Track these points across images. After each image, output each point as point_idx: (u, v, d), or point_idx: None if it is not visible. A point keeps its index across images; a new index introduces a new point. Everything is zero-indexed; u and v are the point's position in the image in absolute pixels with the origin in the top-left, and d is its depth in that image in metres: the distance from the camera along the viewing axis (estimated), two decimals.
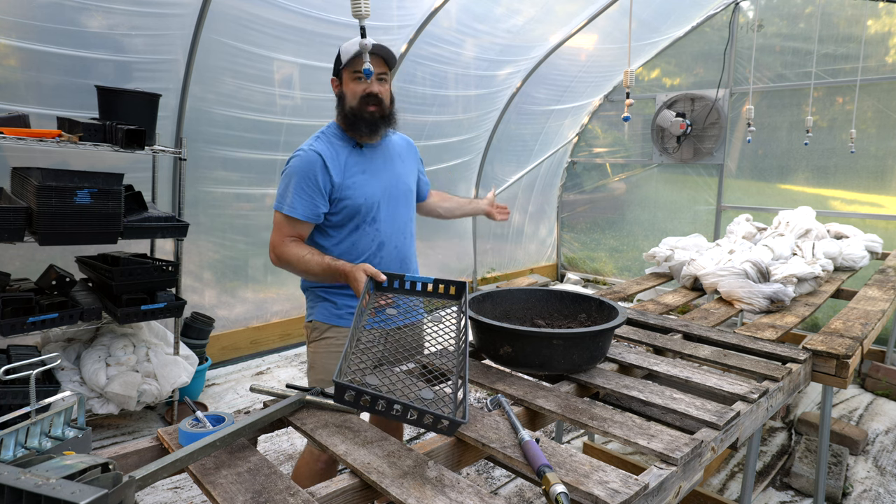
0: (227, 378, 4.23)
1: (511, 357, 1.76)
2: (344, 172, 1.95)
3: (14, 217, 2.61)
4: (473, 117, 5.79)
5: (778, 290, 2.76)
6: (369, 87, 1.92)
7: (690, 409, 1.55)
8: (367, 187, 1.98)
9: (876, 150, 5.19)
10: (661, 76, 6.56)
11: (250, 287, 4.55)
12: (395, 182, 2.07)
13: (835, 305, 4.10)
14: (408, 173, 2.15)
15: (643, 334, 2.29)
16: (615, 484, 1.16)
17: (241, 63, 3.84)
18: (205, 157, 3.97)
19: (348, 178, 1.95)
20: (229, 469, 1.24)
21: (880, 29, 5.07)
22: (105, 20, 3.21)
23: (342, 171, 1.95)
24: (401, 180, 2.10)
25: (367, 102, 1.93)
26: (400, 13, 4.31)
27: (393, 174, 2.08)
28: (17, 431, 1.05)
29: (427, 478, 1.19)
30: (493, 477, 3.01)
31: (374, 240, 2.02)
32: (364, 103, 1.93)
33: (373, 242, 2.02)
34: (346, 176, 1.95)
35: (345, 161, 1.97)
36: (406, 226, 2.13)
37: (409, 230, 2.16)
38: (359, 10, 1.45)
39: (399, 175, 2.10)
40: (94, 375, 3.03)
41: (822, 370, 2.13)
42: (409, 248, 2.16)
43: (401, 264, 2.11)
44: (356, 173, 1.97)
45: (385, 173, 2.05)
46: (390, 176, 2.07)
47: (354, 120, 1.94)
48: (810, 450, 3.12)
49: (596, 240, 7.42)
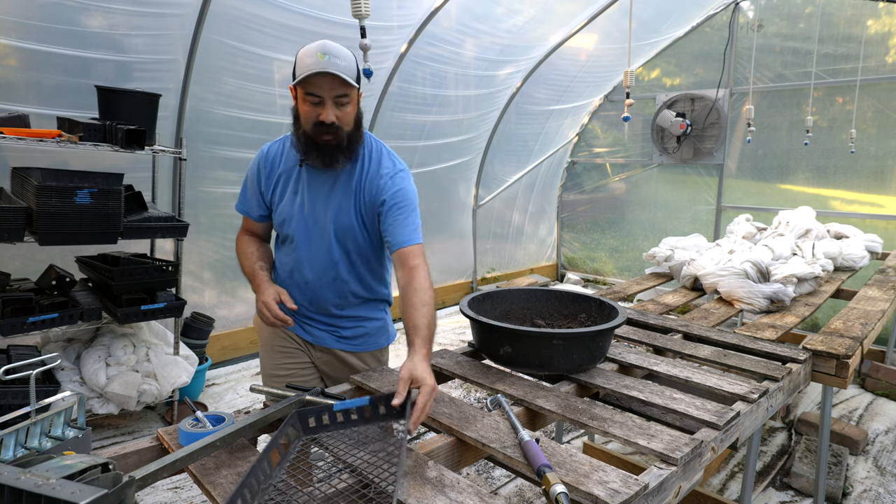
0: (227, 378, 4.23)
1: (511, 357, 1.76)
2: (274, 186, 1.81)
3: (14, 217, 2.61)
4: (473, 117, 5.79)
5: (778, 290, 2.76)
6: (326, 115, 1.61)
7: (690, 409, 1.55)
8: (288, 208, 1.79)
9: (876, 150, 5.19)
10: (661, 76, 6.56)
11: (250, 287, 4.54)
12: (325, 217, 1.76)
13: (835, 305, 4.10)
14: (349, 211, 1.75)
15: (643, 334, 2.29)
16: (615, 484, 1.16)
17: (241, 63, 3.84)
18: (205, 157, 3.97)
19: (277, 193, 1.81)
20: (229, 469, 1.24)
21: (880, 29, 5.07)
22: (105, 20, 3.20)
23: (273, 184, 1.81)
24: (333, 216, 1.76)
25: (322, 132, 1.64)
26: (400, 13, 4.31)
27: (325, 206, 1.76)
28: (17, 431, 1.05)
29: (427, 478, 1.19)
30: (493, 477, 3.01)
31: (289, 263, 1.85)
32: (319, 132, 1.64)
33: (287, 265, 1.86)
34: (274, 191, 1.81)
35: (279, 175, 1.80)
36: (327, 267, 1.80)
37: (333, 274, 1.80)
38: (359, 10, 1.46)
39: (334, 210, 1.75)
40: (94, 375, 3.03)
41: (822, 370, 2.13)
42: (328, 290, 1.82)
43: (311, 301, 1.85)
44: (286, 191, 1.79)
45: (315, 201, 1.76)
46: (320, 207, 1.76)
47: (307, 146, 1.68)
48: (810, 450, 3.12)
49: (596, 240, 7.42)
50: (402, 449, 1.21)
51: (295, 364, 1.93)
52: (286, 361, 1.93)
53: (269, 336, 1.95)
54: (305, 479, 1.18)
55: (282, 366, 1.92)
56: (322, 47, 1.58)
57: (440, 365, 1.88)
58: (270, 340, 1.95)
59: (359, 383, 1.73)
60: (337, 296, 1.84)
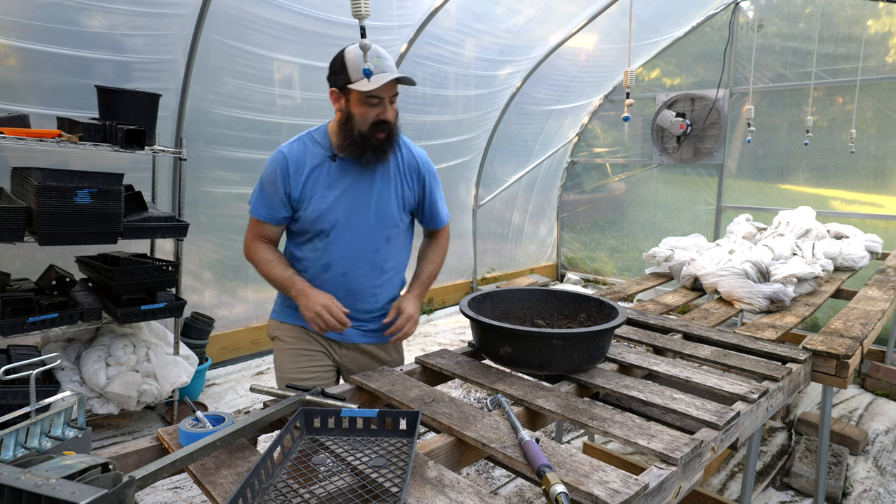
0: (227, 378, 4.23)
1: (511, 357, 1.76)
2: (304, 183, 1.81)
3: (14, 217, 2.61)
4: (473, 117, 5.79)
5: (778, 290, 2.76)
6: (385, 114, 1.73)
7: (690, 409, 1.55)
8: (324, 203, 1.81)
9: (876, 150, 5.19)
10: (661, 76, 6.56)
11: (250, 287, 4.55)
12: (367, 206, 1.84)
13: (835, 305, 4.10)
14: (390, 199, 1.87)
15: (643, 334, 2.29)
16: (615, 484, 1.16)
17: (241, 63, 3.84)
18: (205, 157, 3.97)
19: (308, 189, 1.81)
20: (229, 469, 1.24)
21: (880, 29, 5.07)
22: (105, 20, 3.20)
23: (303, 181, 1.81)
24: (375, 205, 1.85)
25: (379, 129, 1.74)
26: (400, 13, 4.31)
27: (366, 196, 1.84)
28: (17, 431, 1.05)
29: (427, 478, 1.19)
30: (493, 477, 3.01)
31: (321, 259, 1.85)
32: (376, 130, 1.74)
33: (319, 261, 1.86)
34: (305, 187, 1.81)
35: (310, 171, 1.82)
36: (365, 257, 1.87)
37: (371, 262, 1.88)
38: (359, 10, 1.45)
39: (375, 199, 1.85)
40: (94, 375, 3.03)
41: (822, 370, 2.13)
42: (365, 280, 1.89)
43: (346, 294, 1.87)
44: (319, 186, 1.81)
45: (355, 193, 1.83)
46: (361, 197, 1.84)
47: (362, 145, 1.76)
48: (810, 450, 3.12)
49: (596, 240, 7.42)
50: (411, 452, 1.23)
51: (319, 367, 1.95)
52: (310, 365, 1.94)
53: (293, 340, 1.96)
54: (306, 481, 1.18)
55: (305, 369, 1.94)
56: (377, 52, 1.66)
57: (440, 365, 1.88)
58: (294, 344, 1.96)
59: (359, 383, 1.73)
60: (372, 286, 1.91)
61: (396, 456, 1.26)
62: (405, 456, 1.25)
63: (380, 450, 1.28)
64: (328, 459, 1.26)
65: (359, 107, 1.72)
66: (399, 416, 1.33)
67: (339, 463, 1.25)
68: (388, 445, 1.30)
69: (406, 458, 1.23)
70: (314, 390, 1.49)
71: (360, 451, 1.28)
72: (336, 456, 1.27)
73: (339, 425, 1.34)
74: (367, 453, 1.27)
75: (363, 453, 1.27)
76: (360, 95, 1.70)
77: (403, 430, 1.33)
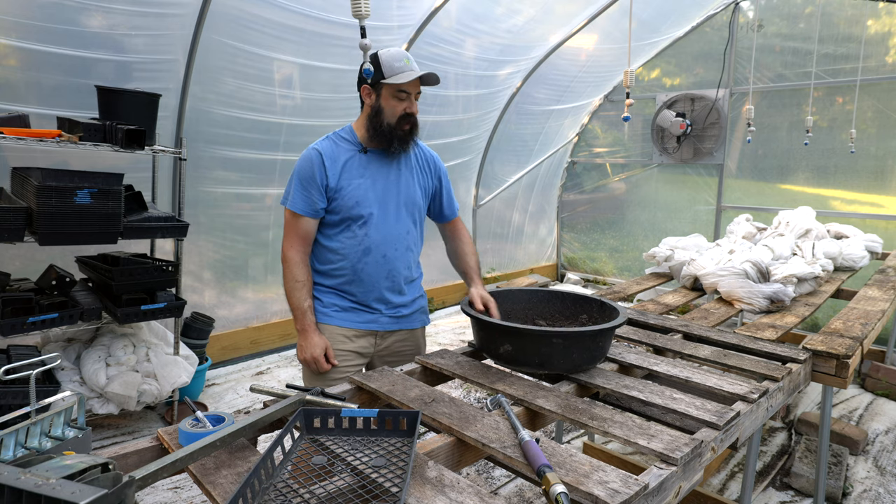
0: (227, 378, 4.23)
1: (511, 355, 1.76)
2: (340, 174, 1.98)
3: (14, 217, 2.61)
4: (473, 117, 5.79)
5: (778, 290, 2.76)
6: (411, 108, 1.97)
7: (690, 409, 1.55)
8: (360, 190, 1.99)
9: (876, 150, 5.19)
10: (661, 76, 6.56)
11: (250, 287, 4.55)
12: (396, 191, 2.06)
13: (835, 305, 4.10)
14: (415, 186, 2.11)
15: (643, 334, 2.29)
16: (615, 484, 1.16)
17: (241, 63, 3.84)
18: (205, 157, 3.97)
19: (344, 179, 1.98)
20: (229, 469, 1.24)
21: (880, 29, 5.07)
22: (105, 20, 3.20)
23: (339, 171, 1.98)
24: (403, 191, 2.07)
25: (405, 121, 1.97)
26: (400, 13, 4.31)
27: (395, 183, 2.06)
28: (17, 431, 1.05)
29: (427, 478, 1.19)
30: (493, 477, 3.01)
31: (361, 244, 2.01)
32: (402, 122, 1.97)
33: (359, 246, 2.01)
34: (341, 177, 1.98)
35: (344, 162, 1.99)
36: (400, 238, 2.07)
37: (405, 244, 2.09)
38: (359, 10, 1.45)
39: (403, 186, 2.07)
40: (94, 375, 3.03)
41: (822, 370, 2.13)
42: (401, 261, 2.08)
43: (387, 276, 2.06)
44: (354, 176, 1.99)
45: (385, 181, 2.04)
46: (391, 185, 2.05)
47: (390, 135, 1.97)
48: (810, 450, 3.12)
49: (596, 240, 7.42)
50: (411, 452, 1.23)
51: (350, 367, 2.07)
52: (343, 365, 2.06)
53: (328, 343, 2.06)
54: (306, 481, 1.18)
55: (337, 370, 2.04)
56: (406, 53, 1.95)
57: (440, 365, 1.88)
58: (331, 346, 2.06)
59: (359, 383, 1.73)
60: (405, 267, 2.10)
61: (396, 456, 1.26)
62: (405, 456, 1.26)
63: (380, 450, 1.29)
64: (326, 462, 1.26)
65: (389, 101, 1.94)
66: (399, 416, 1.34)
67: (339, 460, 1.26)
68: (388, 445, 1.31)
69: (406, 458, 1.24)
70: (314, 390, 1.49)
71: (360, 451, 1.28)
72: (336, 456, 1.27)
73: (339, 425, 1.35)
74: (367, 453, 1.27)
75: (363, 453, 1.27)
76: (391, 90, 1.92)
77: (403, 430, 1.34)
